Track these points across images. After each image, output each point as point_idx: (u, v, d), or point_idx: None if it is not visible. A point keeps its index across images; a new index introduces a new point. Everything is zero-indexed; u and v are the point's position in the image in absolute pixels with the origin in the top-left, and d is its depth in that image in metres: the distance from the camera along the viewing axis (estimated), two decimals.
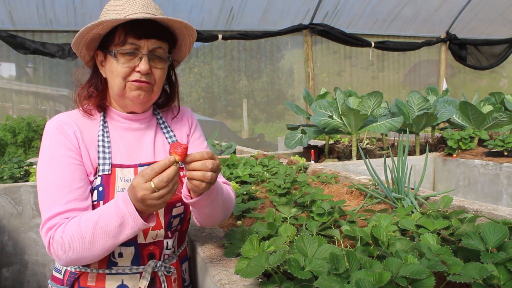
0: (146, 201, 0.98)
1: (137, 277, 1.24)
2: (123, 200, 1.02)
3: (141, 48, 1.18)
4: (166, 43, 1.24)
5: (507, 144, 3.03)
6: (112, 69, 1.20)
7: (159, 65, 1.22)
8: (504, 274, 0.89)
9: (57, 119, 1.23)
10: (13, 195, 2.57)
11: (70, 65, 5.73)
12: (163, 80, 1.28)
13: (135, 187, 0.98)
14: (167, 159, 0.99)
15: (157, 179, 0.97)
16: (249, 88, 6.80)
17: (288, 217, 1.51)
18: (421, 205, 1.80)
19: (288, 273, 0.94)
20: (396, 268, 0.87)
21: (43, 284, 2.70)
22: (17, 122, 4.59)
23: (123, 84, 1.20)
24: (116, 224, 1.02)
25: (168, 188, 0.99)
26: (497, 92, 4.23)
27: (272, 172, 2.47)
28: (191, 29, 1.24)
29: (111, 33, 1.20)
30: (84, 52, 1.26)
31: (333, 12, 6.54)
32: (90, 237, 1.04)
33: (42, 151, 1.20)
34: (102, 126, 1.26)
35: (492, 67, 7.84)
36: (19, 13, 5.35)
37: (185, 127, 1.42)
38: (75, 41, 1.21)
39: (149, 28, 1.18)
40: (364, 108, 3.53)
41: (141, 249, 1.24)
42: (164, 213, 1.25)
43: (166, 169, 0.98)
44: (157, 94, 1.27)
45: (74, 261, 1.09)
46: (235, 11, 6.12)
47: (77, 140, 1.20)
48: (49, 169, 1.16)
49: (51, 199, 1.12)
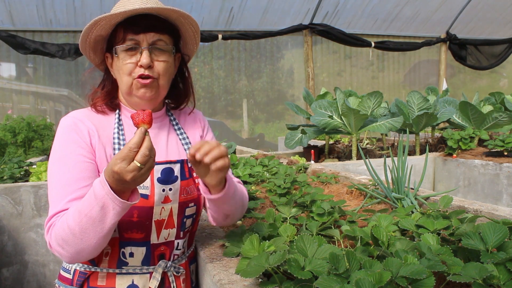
0: (136, 180, 0.98)
1: (147, 277, 1.24)
2: (100, 182, 1.01)
3: (140, 43, 1.18)
4: (167, 35, 1.23)
5: (507, 144, 3.04)
6: (118, 67, 1.21)
7: (161, 58, 1.21)
8: (504, 274, 0.89)
9: (72, 116, 1.23)
10: (13, 195, 2.57)
11: (70, 65, 5.73)
12: (170, 74, 1.26)
13: (121, 173, 0.96)
14: (139, 132, 0.98)
15: (140, 156, 0.96)
16: (249, 88, 6.80)
17: (288, 217, 1.51)
18: (421, 205, 1.80)
19: (288, 273, 0.94)
20: (396, 268, 0.87)
21: (43, 284, 2.70)
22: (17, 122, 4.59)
23: (130, 82, 1.20)
24: (98, 208, 1.01)
25: (151, 159, 0.99)
26: (497, 92, 4.24)
27: (272, 172, 2.47)
28: (188, 17, 1.22)
29: (114, 34, 1.21)
30: (92, 56, 1.28)
31: (333, 12, 6.54)
32: (78, 227, 1.03)
33: (54, 147, 1.20)
34: (118, 124, 1.26)
35: (492, 67, 7.84)
36: (19, 13, 5.35)
37: (198, 128, 1.42)
38: (80, 44, 1.23)
39: (147, 22, 1.18)
40: (364, 108, 3.53)
41: (153, 249, 1.24)
42: (177, 213, 1.26)
43: (142, 142, 0.97)
44: (164, 89, 1.26)
45: (75, 255, 1.08)
46: (235, 11, 6.12)
47: (90, 138, 1.20)
48: (58, 166, 1.16)
49: (57, 196, 1.13)
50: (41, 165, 2.93)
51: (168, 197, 1.23)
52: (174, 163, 1.25)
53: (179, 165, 1.26)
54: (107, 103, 1.29)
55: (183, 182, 1.26)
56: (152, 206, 1.20)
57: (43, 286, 2.69)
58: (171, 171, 1.24)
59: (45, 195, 2.64)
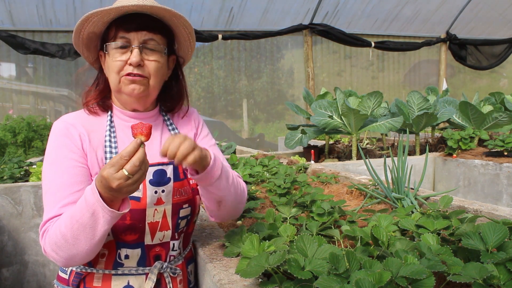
0: (122, 189, 0.97)
1: (143, 278, 1.24)
2: (90, 189, 1.01)
3: (131, 41, 1.17)
4: (160, 35, 1.21)
5: (507, 144, 3.04)
6: (108, 65, 1.21)
7: (152, 57, 1.19)
8: (504, 274, 0.89)
9: (64, 120, 1.23)
10: (13, 195, 2.57)
11: (70, 65, 5.73)
12: (161, 75, 1.24)
13: (108, 178, 0.95)
14: (134, 143, 0.97)
15: (129, 166, 0.95)
16: (249, 88, 6.80)
17: (288, 217, 1.51)
18: (421, 205, 1.80)
19: (288, 273, 0.94)
20: (396, 268, 0.87)
21: (43, 284, 2.70)
22: (17, 122, 4.59)
23: (118, 79, 1.19)
24: (88, 215, 1.01)
25: (141, 171, 0.98)
26: (497, 92, 4.24)
27: (272, 172, 2.47)
28: (180, 18, 1.20)
29: (106, 32, 1.21)
30: (86, 53, 1.28)
31: (333, 12, 6.54)
32: (70, 233, 1.03)
33: (47, 152, 1.20)
34: (109, 126, 1.25)
35: (492, 67, 7.84)
36: (19, 13, 5.35)
37: (192, 127, 1.41)
38: (73, 40, 1.22)
39: (139, 20, 1.17)
40: (364, 108, 3.53)
41: (148, 250, 1.23)
42: (171, 214, 1.25)
43: (135, 153, 0.97)
44: (155, 89, 1.25)
45: (68, 260, 1.08)
46: (235, 11, 6.12)
47: (81, 142, 1.19)
48: (51, 171, 1.16)
49: (50, 201, 1.13)
50: (41, 165, 2.93)
51: (161, 199, 1.22)
52: (166, 165, 1.24)
53: (172, 166, 1.25)
54: (99, 102, 1.28)
55: (177, 184, 1.25)
56: (144, 209, 1.20)
57: (43, 286, 2.69)
58: (164, 172, 1.23)
59: None
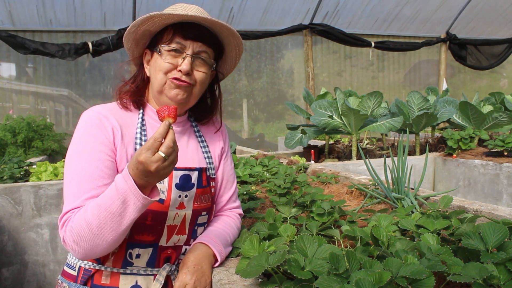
0: (159, 172, 0.99)
1: (151, 278, 1.24)
2: (122, 176, 1.01)
3: (186, 49, 1.20)
4: (212, 49, 1.25)
5: (507, 144, 3.04)
6: (156, 65, 1.22)
7: (201, 69, 1.23)
8: (504, 274, 0.89)
9: (97, 111, 1.22)
10: (13, 195, 2.57)
11: (70, 65, 5.73)
12: (204, 85, 1.27)
13: (145, 163, 0.97)
14: (163, 125, 1.00)
15: (164, 147, 0.98)
16: (249, 88, 6.80)
17: (288, 217, 1.51)
18: (421, 205, 1.80)
19: (288, 273, 0.94)
20: (396, 268, 0.87)
21: (43, 284, 2.70)
22: (17, 122, 4.59)
23: (164, 80, 1.20)
24: (119, 202, 1.01)
25: (175, 153, 1.01)
26: (497, 92, 4.24)
27: (272, 172, 2.47)
28: (238, 39, 1.25)
29: (161, 33, 1.22)
30: (133, 48, 1.28)
31: (333, 12, 6.54)
32: (96, 221, 1.02)
33: (74, 140, 1.18)
34: (141, 124, 1.26)
35: (492, 67, 7.84)
36: (19, 13, 5.35)
37: (221, 143, 1.43)
38: (126, 34, 1.23)
39: (197, 31, 1.20)
40: (364, 108, 3.53)
41: (160, 251, 1.24)
42: (190, 221, 1.26)
43: (167, 135, 0.99)
44: (195, 98, 1.27)
45: (88, 251, 1.07)
46: (235, 11, 6.12)
47: (113, 135, 1.19)
48: (78, 160, 1.14)
49: (74, 192, 1.11)
50: (41, 165, 2.93)
51: (183, 204, 1.23)
52: (192, 170, 1.26)
53: (197, 173, 1.27)
54: (134, 100, 1.28)
55: (199, 190, 1.27)
56: (166, 211, 1.21)
57: (43, 286, 2.69)
58: (189, 178, 1.25)
59: (45, 195, 2.64)
